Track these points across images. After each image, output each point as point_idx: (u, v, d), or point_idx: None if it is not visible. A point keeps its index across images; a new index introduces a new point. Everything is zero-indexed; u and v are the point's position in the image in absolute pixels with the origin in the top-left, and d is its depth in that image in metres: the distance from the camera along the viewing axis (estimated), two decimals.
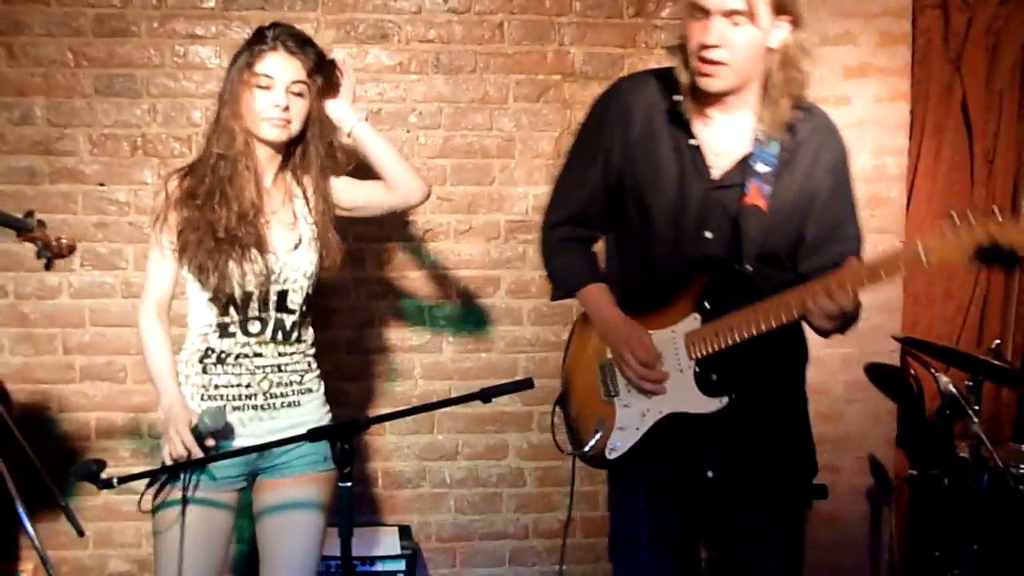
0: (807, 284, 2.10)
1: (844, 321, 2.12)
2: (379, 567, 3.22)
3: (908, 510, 3.74)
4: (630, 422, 2.31)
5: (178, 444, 2.23)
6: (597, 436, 2.34)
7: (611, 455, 2.33)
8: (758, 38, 2.11)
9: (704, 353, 2.22)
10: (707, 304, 2.24)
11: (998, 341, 3.27)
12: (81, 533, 2.86)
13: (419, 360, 3.58)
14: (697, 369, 2.24)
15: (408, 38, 3.51)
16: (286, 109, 2.38)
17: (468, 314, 3.57)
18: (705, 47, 2.09)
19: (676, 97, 2.23)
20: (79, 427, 3.46)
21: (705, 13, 2.08)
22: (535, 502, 3.45)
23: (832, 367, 3.58)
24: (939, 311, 3.77)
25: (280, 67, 2.37)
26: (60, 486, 3.00)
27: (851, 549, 3.64)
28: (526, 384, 2.16)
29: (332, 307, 3.48)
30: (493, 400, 2.22)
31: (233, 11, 3.40)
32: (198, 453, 2.28)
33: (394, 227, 3.53)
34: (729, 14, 2.06)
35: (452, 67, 3.53)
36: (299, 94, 2.41)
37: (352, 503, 2.09)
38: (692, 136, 2.23)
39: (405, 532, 3.44)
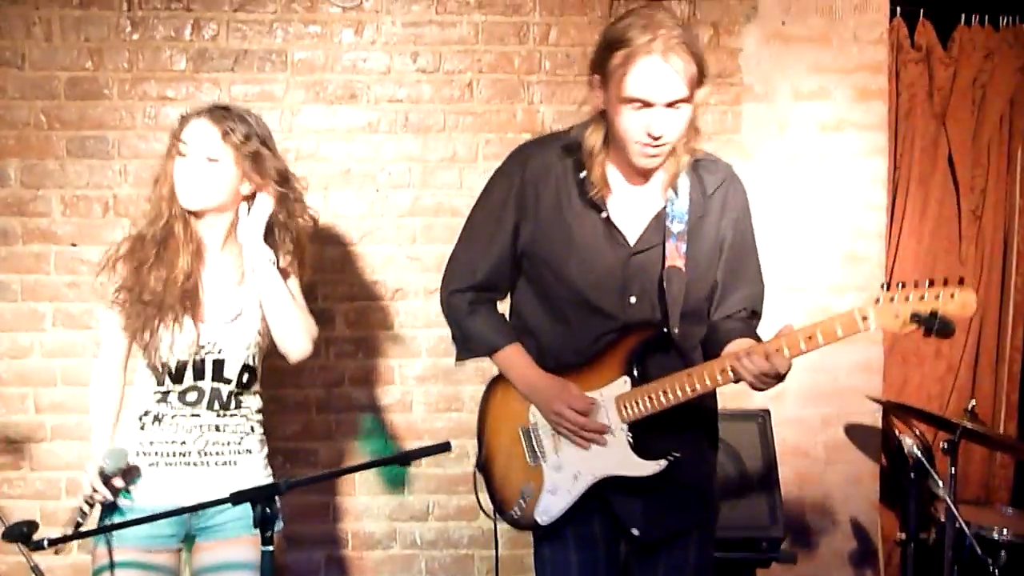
0: (743, 351, 2.17)
1: (773, 384, 2.19)
2: None
3: (901, 574, 3.65)
4: (562, 484, 2.35)
5: (87, 487, 2.27)
6: (523, 503, 2.39)
7: (543, 519, 2.37)
8: (690, 113, 2.19)
9: (637, 416, 2.27)
10: (636, 367, 2.29)
11: (973, 402, 3.25)
12: None
13: (390, 419, 3.61)
14: (630, 433, 2.29)
15: (377, 98, 3.58)
16: (195, 176, 2.43)
17: (438, 373, 3.58)
18: (654, 137, 2.15)
19: (582, 174, 2.29)
20: (50, 486, 3.48)
21: (646, 104, 2.13)
22: (507, 564, 3.32)
23: (812, 427, 3.61)
24: (929, 370, 3.80)
25: (197, 135, 2.43)
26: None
27: None
28: (444, 447, 2.20)
29: (301, 366, 3.29)
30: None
31: (203, 73, 3.50)
32: (105, 493, 2.30)
33: (363, 286, 3.59)
34: (672, 104, 2.12)
35: (421, 126, 3.58)
36: (214, 159, 2.45)
37: (274, 567, 2.08)
38: (603, 209, 2.29)
39: None
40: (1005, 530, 3.17)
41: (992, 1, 3.69)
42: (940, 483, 3.06)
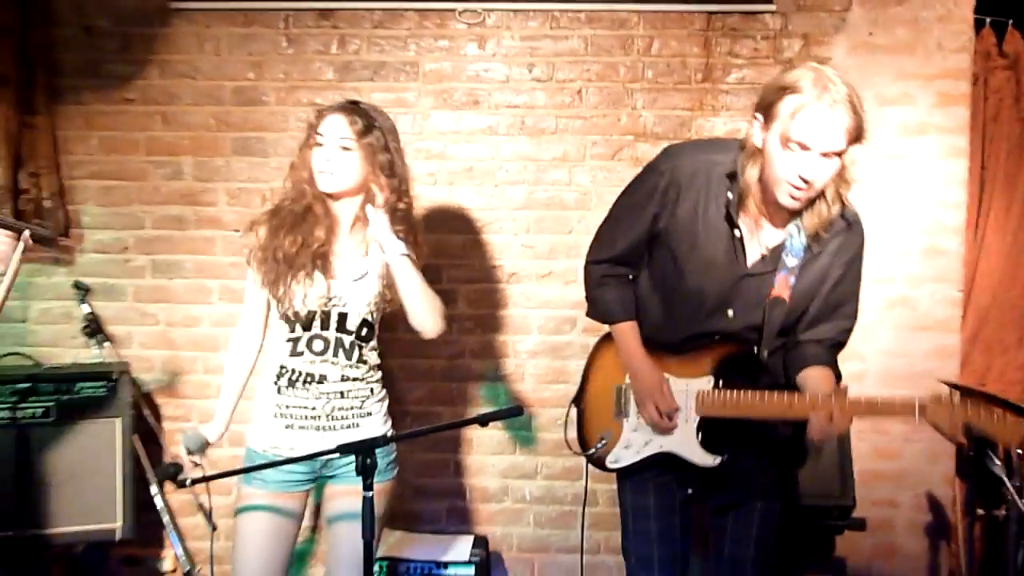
0: (811, 402, 2.35)
1: (826, 439, 2.42)
2: (450, 571, 3.46)
3: (983, 547, 3.80)
4: (634, 443, 2.62)
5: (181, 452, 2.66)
6: (600, 445, 2.64)
7: (612, 465, 2.65)
8: (839, 167, 2.28)
9: (709, 413, 2.52)
10: (722, 372, 2.52)
11: None
12: (214, 528, 3.32)
13: (503, 388, 3.85)
14: (701, 426, 2.54)
15: (497, 104, 3.80)
16: (328, 161, 2.64)
17: (548, 349, 3.81)
18: (803, 180, 2.24)
19: (730, 194, 2.42)
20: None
21: (805, 147, 2.21)
22: (606, 521, 3.68)
23: None
24: (1012, 358, 3.88)
25: (332, 127, 2.64)
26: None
27: None
28: (517, 412, 2.43)
29: (427, 341, 3.71)
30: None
31: (347, 82, 3.77)
32: (186, 463, 2.62)
33: (482, 271, 3.84)
34: (828, 154, 2.22)
35: (535, 129, 3.79)
36: (348, 148, 2.64)
37: (373, 510, 2.28)
38: (736, 227, 2.44)
39: (481, 542, 3.67)
40: None
41: None
42: (997, 462, 3.01)
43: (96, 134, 3.90)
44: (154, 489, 3.70)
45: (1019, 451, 3.10)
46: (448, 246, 3.83)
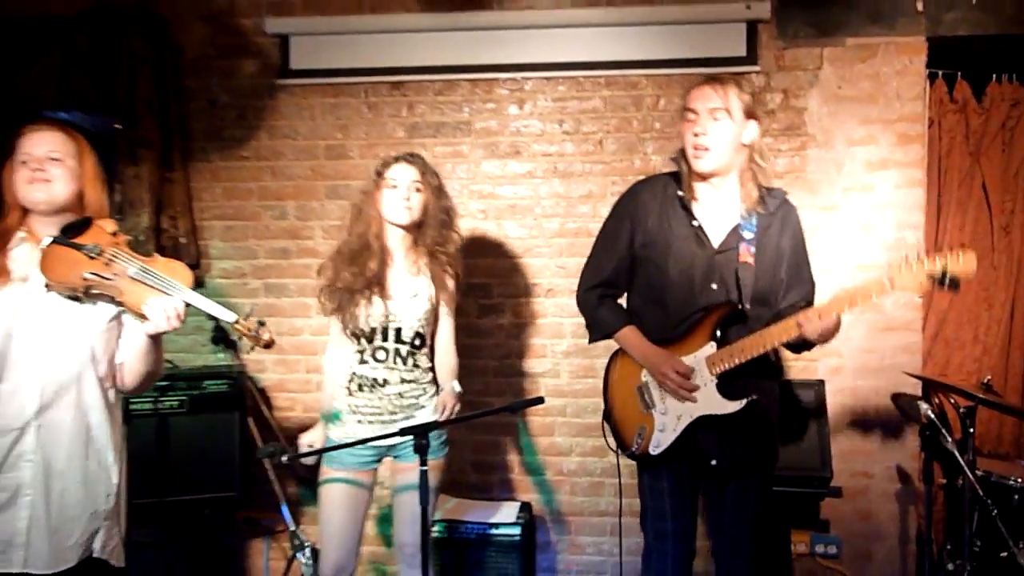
0: (802, 312, 2.44)
1: (830, 338, 2.49)
2: (499, 531, 3.54)
3: (945, 512, 3.83)
4: (668, 424, 2.60)
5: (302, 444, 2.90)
6: (639, 440, 2.64)
7: (655, 451, 2.61)
8: (733, 130, 2.50)
9: (723, 370, 2.53)
10: (719, 334, 2.56)
11: (988, 377, 3.37)
12: (312, 496, 3.46)
13: (543, 383, 3.96)
14: (717, 382, 2.55)
15: (534, 153, 3.92)
16: (407, 199, 2.76)
17: (578, 350, 3.89)
18: (696, 135, 2.49)
19: (679, 192, 2.62)
20: (314, 420, 3.55)
21: (695, 112, 2.49)
22: (628, 489, 3.51)
23: (863, 395, 3.78)
24: (968, 352, 3.93)
25: (403, 173, 2.79)
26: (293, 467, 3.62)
27: (883, 539, 3.80)
28: (538, 401, 2.63)
29: (481, 344, 3.91)
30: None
31: (415, 139, 3.92)
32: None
33: (525, 287, 3.95)
34: (712, 111, 2.47)
35: (566, 173, 3.90)
36: (420, 190, 2.79)
37: (428, 482, 2.41)
38: (695, 218, 2.59)
39: (525, 507, 3.74)
40: (1020, 479, 3.30)
41: (1019, 62, 3.76)
42: (949, 439, 3.13)
43: (220, 185, 4.09)
44: (266, 464, 3.90)
45: (963, 410, 3.22)
46: (496, 268, 3.96)
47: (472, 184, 3.99)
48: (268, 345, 2.41)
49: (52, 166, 2.26)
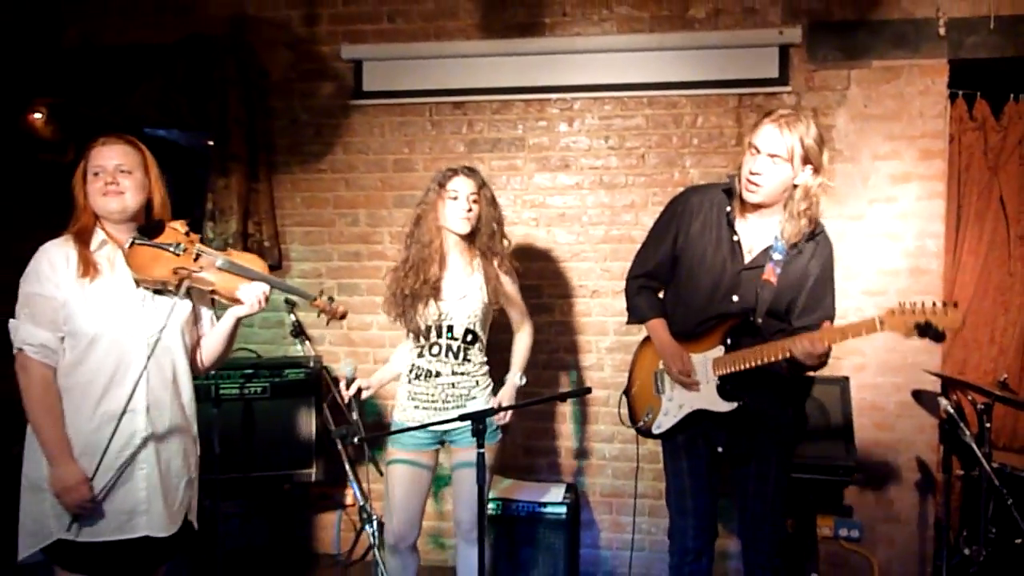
0: (797, 336, 2.48)
1: (819, 363, 2.49)
2: (547, 509, 3.58)
3: (961, 500, 3.75)
4: (671, 410, 2.73)
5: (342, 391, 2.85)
6: (647, 417, 2.78)
7: (656, 431, 2.76)
8: (788, 174, 2.49)
9: (725, 373, 2.62)
10: (729, 340, 2.64)
11: (1005, 375, 3.40)
12: (381, 473, 3.62)
13: (588, 375, 4.00)
14: (719, 382, 2.65)
15: (582, 167, 3.98)
16: (469, 211, 2.80)
17: (621, 346, 3.94)
18: (752, 173, 2.50)
19: (728, 209, 2.64)
20: (381, 405, 4.04)
21: (757, 150, 2.49)
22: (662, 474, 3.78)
23: (885, 391, 3.78)
24: (985, 352, 3.95)
25: (462, 185, 2.82)
26: (369, 445, 3.81)
27: (903, 525, 3.80)
28: (586, 391, 2.73)
29: (534, 340, 3.90)
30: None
31: (474, 153, 4.01)
32: (345, 393, 2.82)
33: (573, 288, 4.00)
34: (772, 155, 2.47)
35: (611, 184, 3.95)
36: (476, 201, 2.82)
37: (485, 463, 2.45)
38: (735, 233, 2.63)
39: (571, 488, 3.79)
40: None
41: None
42: (967, 433, 3.12)
43: (299, 194, 4.20)
44: (339, 445, 4.00)
45: (980, 407, 3.20)
46: (547, 271, 4.02)
47: (525, 195, 4.06)
48: (343, 316, 2.63)
49: (123, 178, 2.32)
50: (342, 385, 2.89)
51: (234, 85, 4.06)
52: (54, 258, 2.27)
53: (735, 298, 2.64)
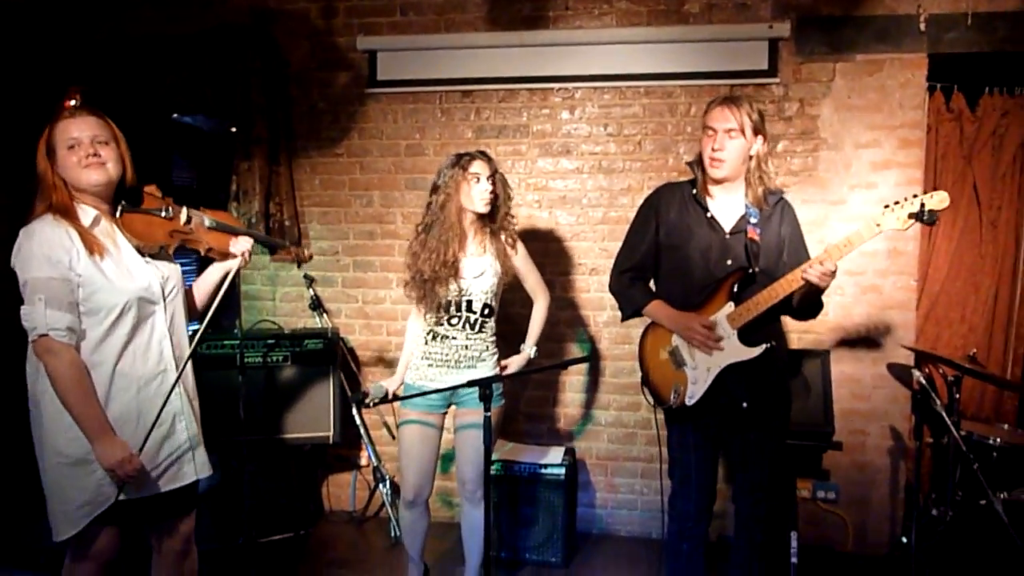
0: (804, 264, 2.45)
1: (828, 283, 2.44)
2: (547, 471, 3.57)
3: (932, 466, 3.75)
4: (700, 377, 2.61)
5: (373, 393, 2.82)
6: (676, 395, 2.65)
7: (691, 401, 2.61)
8: (743, 145, 2.56)
9: (742, 322, 2.55)
10: (735, 295, 2.58)
11: (974, 350, 3.37)
12: (393, 437, 3.68)
13: (587, 347, 3.97)
14: (738, 334, 2.57)
15: (583, 152, 3.93)
16: (491, 192, 2.77)
17: (617, 320, 3.60)
18: (715, 150, 2.55)
19: (694, 191, 2.68)
20: (393, 374, 3.90)
21: (713, 130, 2.56)
22: (661, 440, 3.78)
23: (863, 364, 3.74)
24: (956, 330, 3.90)
25: (480, 168, 2.80)
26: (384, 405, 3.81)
27: (877, 487, 3.79)
28: (586, 359, 2.66)
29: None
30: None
31: (481, 139, 3.96)
32: (374, 398, 2.77)
33: (573, 266, 3.97)
34: (728, 131, 2.54)
35: (609, 169, 3.91)
36: (492, 182, 2.80)
37: (491, 426, 2.40)
38: (708, 211, 2.65)
39: (570, 452, 3.77)
40: (998, 438, 3.30)
41: (1009, 76, 3.69)
42: (938, 402, 3.07)
43: (318, 177, 4.16)
44: (354, 410, 3.94)
45: (951, 379, 3.16)
46: (548, 250, 3.98)
47: (528, 178, 4.02)
48: (309, 258, 2.75)
49: (101, 148, 2.15)
50: (376, 397, 2.84)
51: (256, 74, 4.02)
52: (55, 239, 2.09)
53: (729, 262, 2.63)
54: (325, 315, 4.13)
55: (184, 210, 2.34)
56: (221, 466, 3.77)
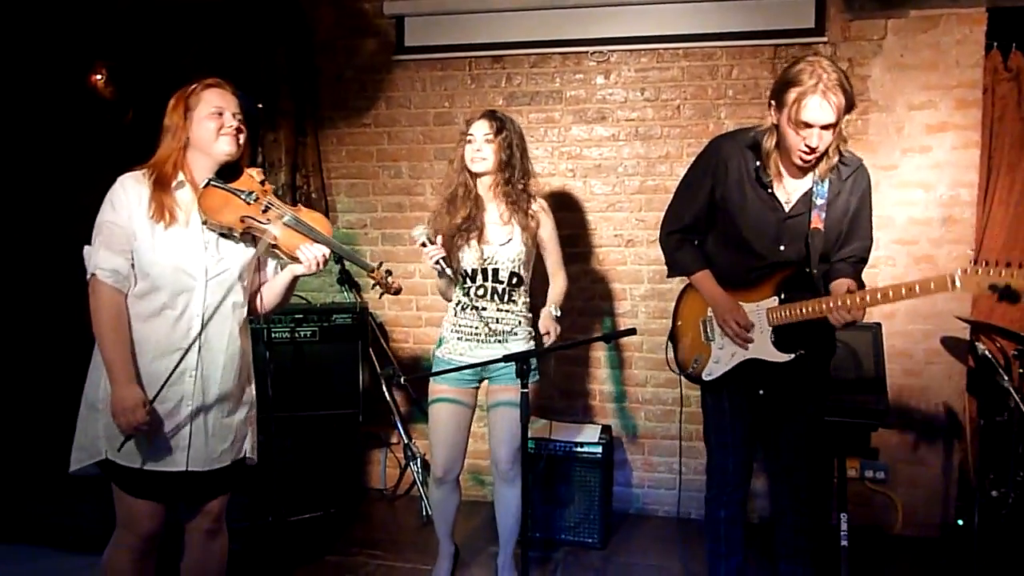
0: (854, 295, 2.26)
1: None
2: (583, 449, 3.47)
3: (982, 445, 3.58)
4: (723, 358, 2.52)
5: (428, 252, 2.65)
6: (695, 366, 2.58)
7: (707, 377, 2.56)
8: (838, 131, 2.28)
9: (780, 322, 2.42)
10: (783, 291, 2.44)
11: None
12: (426, 416, 3.56)
13: (623, 322, 3.84)
14: (773, 333, 2.45)
15: (618, 118, 3.79)
16: (479, 150, 2.72)
17: (655, 294, 3.79)
18: (811, 149, 2.24)
19: (757, 163, 2.41)
20: (424, 351, 3.99)
21: (807, 125, 2.22)
22: (695, 417, 3.41)
23: (914, 338, 3.57)
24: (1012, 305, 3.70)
25: (478, 128, 2.74)
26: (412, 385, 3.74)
27: (928, 467, 3.61)
28: (631, 332, 2.50)
29: (569, 288, 3.73)
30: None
31: (512, 106, 3.82)
32: (428, 244, 2.64)
33: (609, 237, 3.83)
34: (825, 127, 2.22)
35: (646, 136, 3.76)
36: (490, 141, 2.70)
37: (528, 402, 2.31)
38: (769, 187, 2.41)
39: (606, 429, 3.63)
40: None
41: None
42: (1006, 377, 3.01)
43: (345, 148, 4.08)
44: (384, 386, 3.85)
45: (1014, 353, 3.03)
46: (583, 221, 3.86)
47: (562, 147, 3.89)
48: (397, 291, 2.44)
49: (237, 123, 2.21)
50: (431, 248, 2.70)
51: (282, 43, 3.94)
52: (129, 191, 2.15)
53: (782, 247, 2.44)
54: (354, 290, 4.03)
55: (267, 199, 2.26)
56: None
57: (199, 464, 2.21)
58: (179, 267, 2.16)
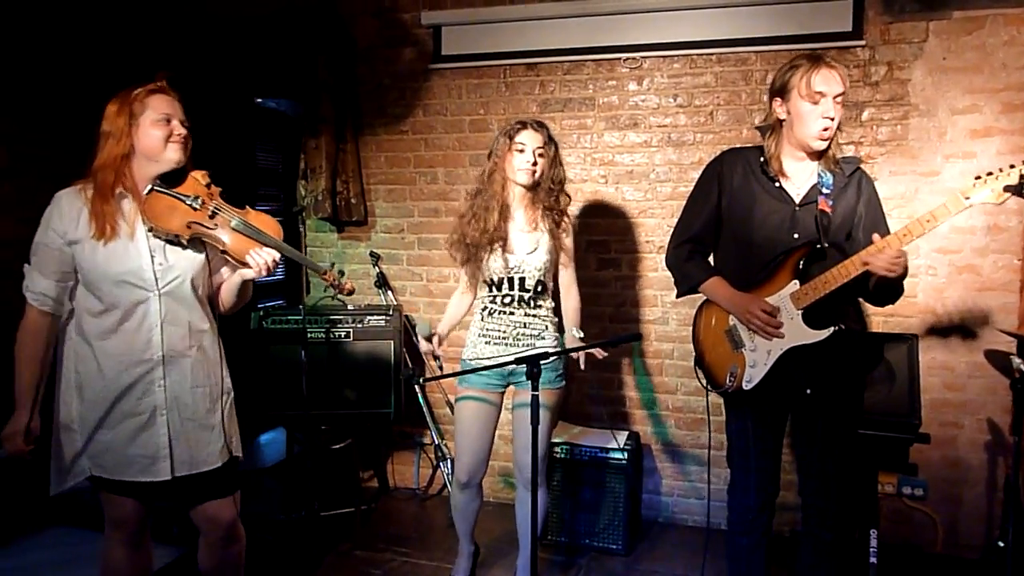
0: (873, 247, 2.21)
1: (903, 270, 2.21)
2: (611, 455, 3.45)
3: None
4: (759, 360, 2.41)
5: (422, 347, 2.77)
6: (732, 379, 2.44)
7: (748, 386, 2.41)
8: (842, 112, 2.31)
9: (807, 302, 2.33)
10: (801, 272, 2.36)
11: None
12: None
13: (653, 328, 3.81)
14: (803, 314, 2.36)
15: (650, 125, 3.74)
16: (533, 164, 2.65)
17: (686, 301, 3.43)
18: (828, 119, 2.25)
19: (762, 159, 2.44)
20: (455, 353, 3.60)
21: (821, 95, 2.25)
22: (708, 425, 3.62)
23: (956, 350, 3.44)
24: None
25: (529, 138, 2.68)
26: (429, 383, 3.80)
27: (971, 484, 3.47)
28: (637, 336, 2.45)
29: (600, 293, 3.79)
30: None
31: (546, 113, 3.83)
32: (426, 346, 2.72)
33: (640, 244, 3.78)
34: (837, 96, 2.26)
35: (679, 142, 3.71)
36: (541, 155, 2.68)
37: (538, 404, 2.27)
38: (776, 181, 2.41)
39: (634, 436, 3.65)
40: None
41: None
42: None
43: (383, 154, 4.13)
44: (416, 387, 3.91)
45: None
46: (615, 227, 3.83)
47: (595, 153, 3.86)
48: (351, 292, 2.42)
49: (185, 131, 2.15)
50: (424, 343, 2.81)
51: (323, 53, 3.99)
52: (64, 210, 2.09)
53: (796, 235, 2.39)
54: (390, 292, 4.09)
55: (214, 203, 2.20)
56: (287, 440, 3.79)
57: (185, 469, 2.19)
58: (127, 280, 2.11)
